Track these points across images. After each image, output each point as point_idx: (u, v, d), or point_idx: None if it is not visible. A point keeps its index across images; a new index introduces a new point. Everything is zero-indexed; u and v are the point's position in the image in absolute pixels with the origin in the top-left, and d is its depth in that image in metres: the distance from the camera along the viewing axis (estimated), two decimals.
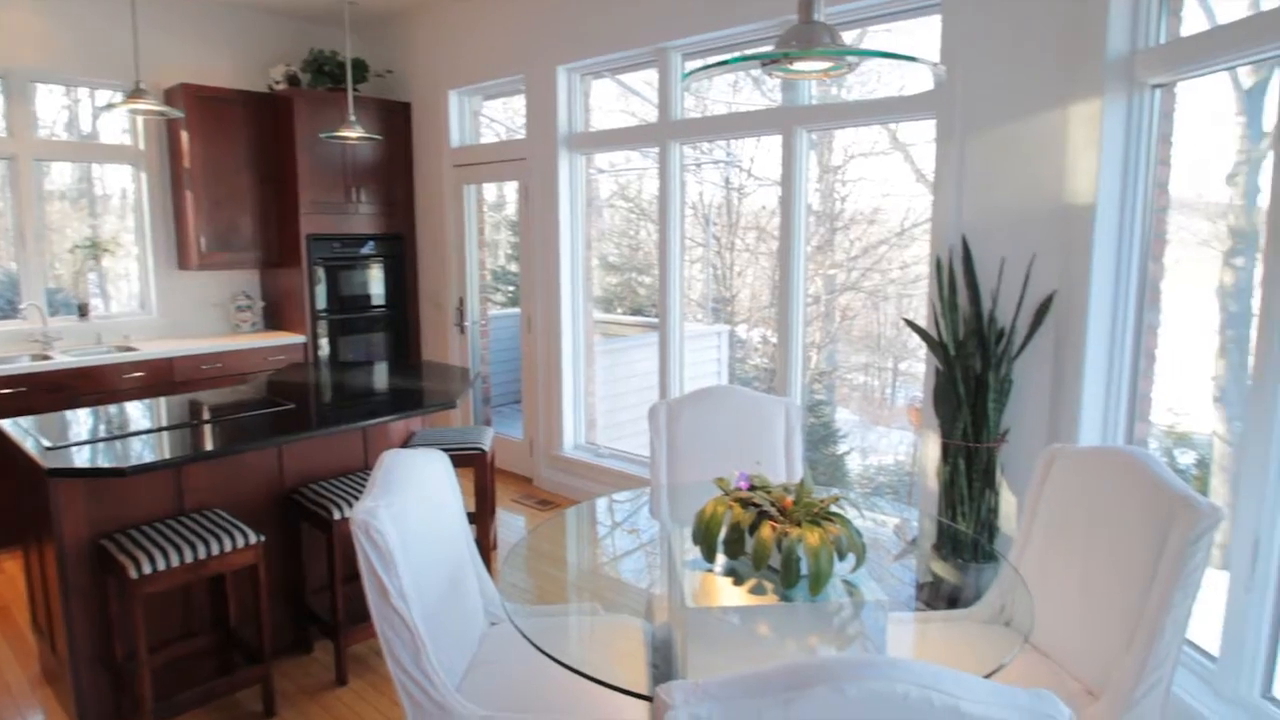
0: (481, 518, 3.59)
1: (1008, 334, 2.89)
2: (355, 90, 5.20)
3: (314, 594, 3.16)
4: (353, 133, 4.26)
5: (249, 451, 2.89)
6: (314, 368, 4.69)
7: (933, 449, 3.11)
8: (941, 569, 2.44)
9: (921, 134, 5.63)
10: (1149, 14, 2.67)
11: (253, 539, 2.65)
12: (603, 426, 5.25)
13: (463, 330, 5.67)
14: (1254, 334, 2.25)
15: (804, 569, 1.69)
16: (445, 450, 3.41)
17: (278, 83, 5.44)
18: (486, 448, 3.67)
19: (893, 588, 2.29)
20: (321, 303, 5.45)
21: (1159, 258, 2.86)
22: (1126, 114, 2.75)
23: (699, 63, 4.00)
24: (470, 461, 3.59)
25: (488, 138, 5.96)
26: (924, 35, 3.57)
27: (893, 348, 7.11)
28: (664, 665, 1.86)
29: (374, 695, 2.86)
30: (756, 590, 1.74)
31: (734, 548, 1.80)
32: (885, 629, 1.69)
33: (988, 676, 1.52)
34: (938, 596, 2.30)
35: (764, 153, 7.19)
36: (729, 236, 7.40)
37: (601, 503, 2.92)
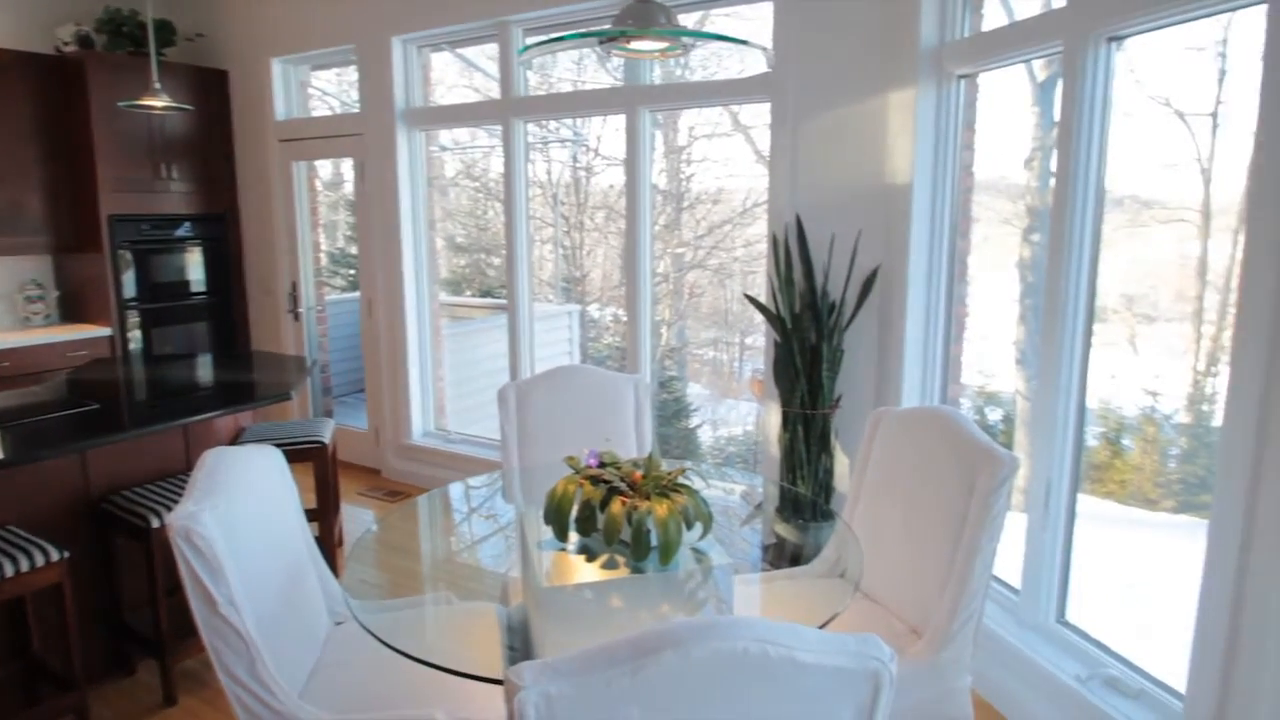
0: (325, 514, 3.41)
1: (838, 306, 3.08)
2: (161, 55, 4.71)
3: (133, 610, 2.88)
4: (158, 101, 3.85)
5: (45, 460, 2.58)
6: (123, 363, 4.24)
7: (774, 418, 3.28)
8: (784, 530, 2.58)
9: (760, 117, 5.86)
10: (955, 9, 2.90)
11: (55, 556, 2.37)
12: (453, 412, 5.12)
13: (297, 317, 5.32)
14: (1044, 303, 2.52)
15: (654, 540, 1.74)
16: (280, 445, 3.20)
17: (66, 44, 4.82)
18: (327, 440, 3.48)
19: (741, 551, 2.39)
20: (130, 291, 4.93)
21: (966, 234, 3.14)
22: (936, 102, 2.98)
23: (540, 38, 3.94)
24: (309, 455, 3.39)
25: (320, 111, 5.59)
26: (762, 22, 3.70)
27: (739, 323, 7.40)
28: (521, 648, 1.85)
29: (209, 712, 2.66)
30: (609, 565, 1.76)
31: (586, 525, 1.81)
32: (733, 591, 1.77)
33: (823, 626, 1.64)
34: (781, 556, 2.43)
35: (611, 132, 7.22)
36: (578, 216, 7.40)
37: (456, 488, 2.85)
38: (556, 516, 1.83)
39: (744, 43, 2.05)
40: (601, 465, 1.92)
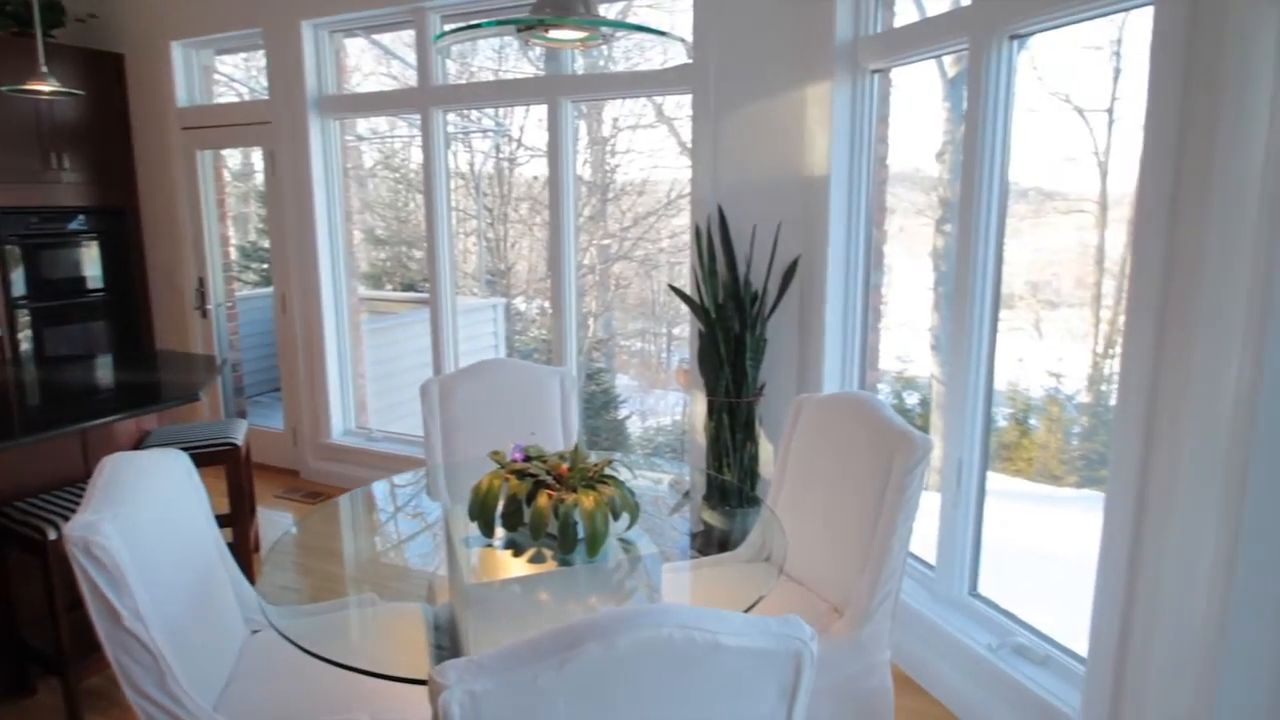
0: (239, 518, 3.28)
1: (761, 296, 3.14)
2: (49, 36, 4.40)
3: (33, 627, 2.71)
4: (45, 86, 3.60)
5: None
6: (13, 365, 3.97)
7: (700, 407, 3.31)
8: (711, 517, 2.61)
9: (684, 108, 5.89)
10: (868, 6, 2.98)
11: None
12: (375, 409, 4.99)
13: (205, 314, 5.08)
14: (954, 291, 2.62)
15: (581, 533, 1.74)
16: (188, 448, 3.06)
17: None
18: (239, 441, 3.34)
19: (670, 539, 2.41)
20: (20, 289, 4.61)
21: (881, 225, 3.24)
22: (852, 96, 3.06)
23: (458, 25, 3.86)
24: (221, 458, 3.25)
25: (227, 97, 5.34)
26: (684, 14, 3.71)
27: (666, 314, 7.45)
28: (450, 647, 1.83)
29: None
30: (536, 559, 1.76)
31: (512, 519, 1.79)
32: (660, 579, 1.78)
33: (749, 609, 1.67)
34: (709, 543, 2.46)
35: (534, 122, 7.14)
36: (502, 208, 7.30)
37: (380, 487, 2.78)
38: (482, 512, 1.81)
39: (663, 34, 2.06)
40: (527, 459, 1.91)
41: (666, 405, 7.20)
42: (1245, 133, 1.60)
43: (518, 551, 1.79)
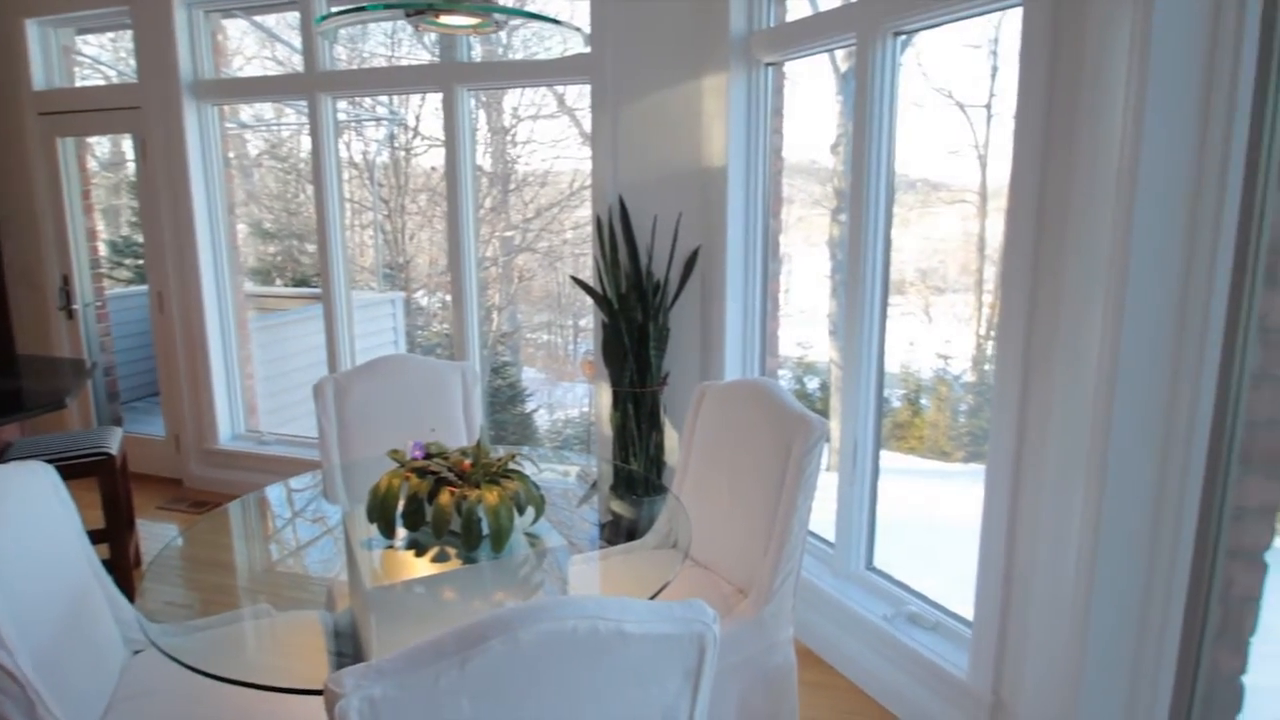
0: (116, 532, 3.06)
1: (663, 286, 3.17)
2: None
3: None
4: None
5: None
6: None
7: (606, 398, 3.32)
8: (619, 507, 2.63)
9: (585, 98, 5.86)
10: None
11: None
12: (266, 411, 4.75)
13: (71, 315, 4.71)
14: (846, 278, 2.72)
15: (485, 529, 1.71)
16: (55, 460, 2.83)
17: None
18: (114, 450, 3.12)
19: (580, 531, 2.41)
20: None
21: (778, 215, 3.32)
22: (747, 88, 3.11)
23: (342, 7, 3.70)
24: (94, 470, 3.03)
25: (91, 80, 4.94)
26: (583, 3, 3.68)
27: (572, 305, 7.42)
28: (352, 654, 1.77)
29: None
30: (440, 558, 1.72)
31: (413, 519, 1.75)
32: (568, 572, 1.78)
33: (654, 595, 1.69)
34: (618, 532, 2.47)
35: (431, 111, 6.95)
36: (399, 199, 7.08)
37: (275, 491, 2.65)
38: (381, 512, 1.76)
39: (557, 22, 2.04)
40: (428, 456, 1.87)
41: (574, 397, 7.18)
42: (1103, 127, 1.73)
43: (420, 551, 1.75)
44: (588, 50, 3.35)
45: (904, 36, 2.59)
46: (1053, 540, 1.91)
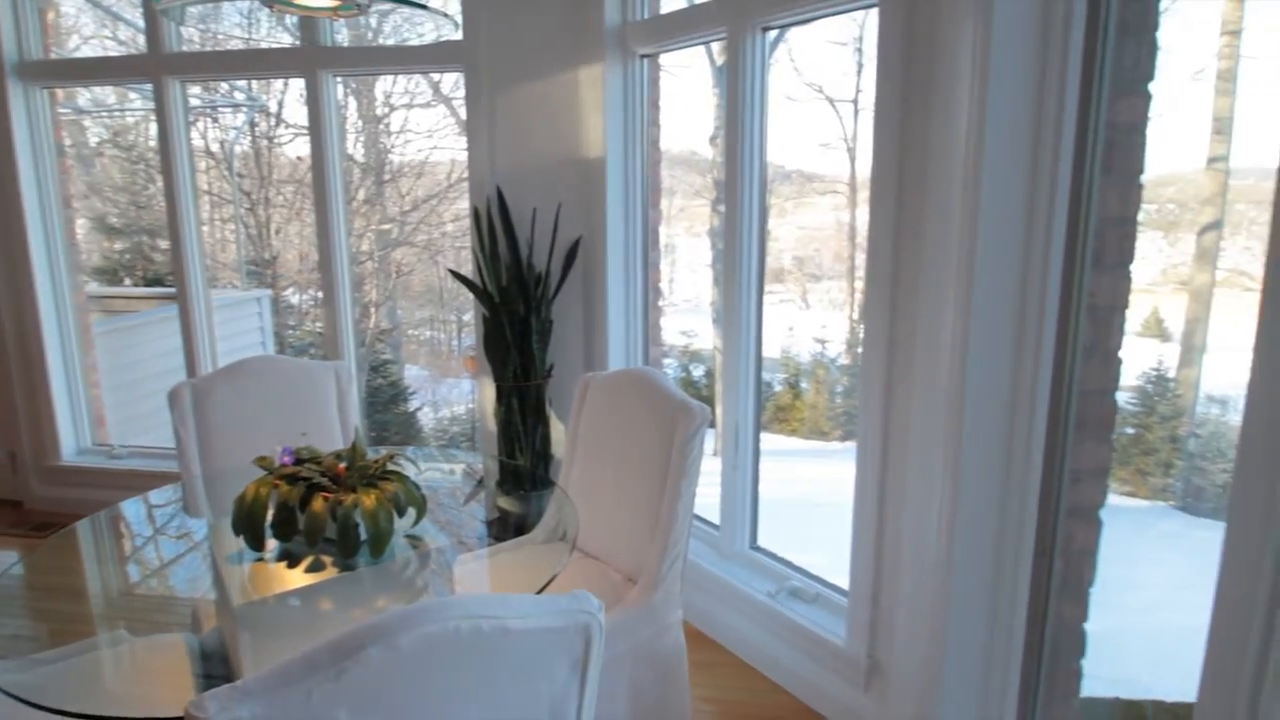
0: None
1: (545, 278, 3.14)
2: None
3: None
4: None
5: None
6: None
7: (489, 393, 3.27)
8: (506, 502, 2.60)
9: (462, 87, 5.72)
10: None
11: None
12: (116, 422, 4.38)
13: None
14: (723, 267, 2.78)
15: (364, 534, 1.65)
16: None
17: None
18: None
19: (467, 529, 2.37)
20: None
21: (657, 205, 3.36)
22: (623, 79, 3.12)
23: None
24: None
25: None
26: None
27: (454, 300, 7.25)
28: (224, 675, 1.67)
29: None
30: (315, 568, 1.65)
31: (285, 529, 1.67)
32: (452, 572, 1.75)
33: (543, 589, 1.68)
34: (506, 528, 2.44)
35: (295, 97, 6.59)
36: (262, 190, 6.67)
37: (133, 507, 2.45)
38: (248, 524, 1.66)
39: (423, 7, 1.97)
40: (299, 462, 1.78)
41: (460, 394, 7.02)
42: (953, 123, 1.84)
43: (293, 562, 1.67)
44: (460, 37, 3.26)
45: (774, 32, 2.67)
46: (917, 510, 2.03)
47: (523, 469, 3.06)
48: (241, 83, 6.46)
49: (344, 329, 3.69)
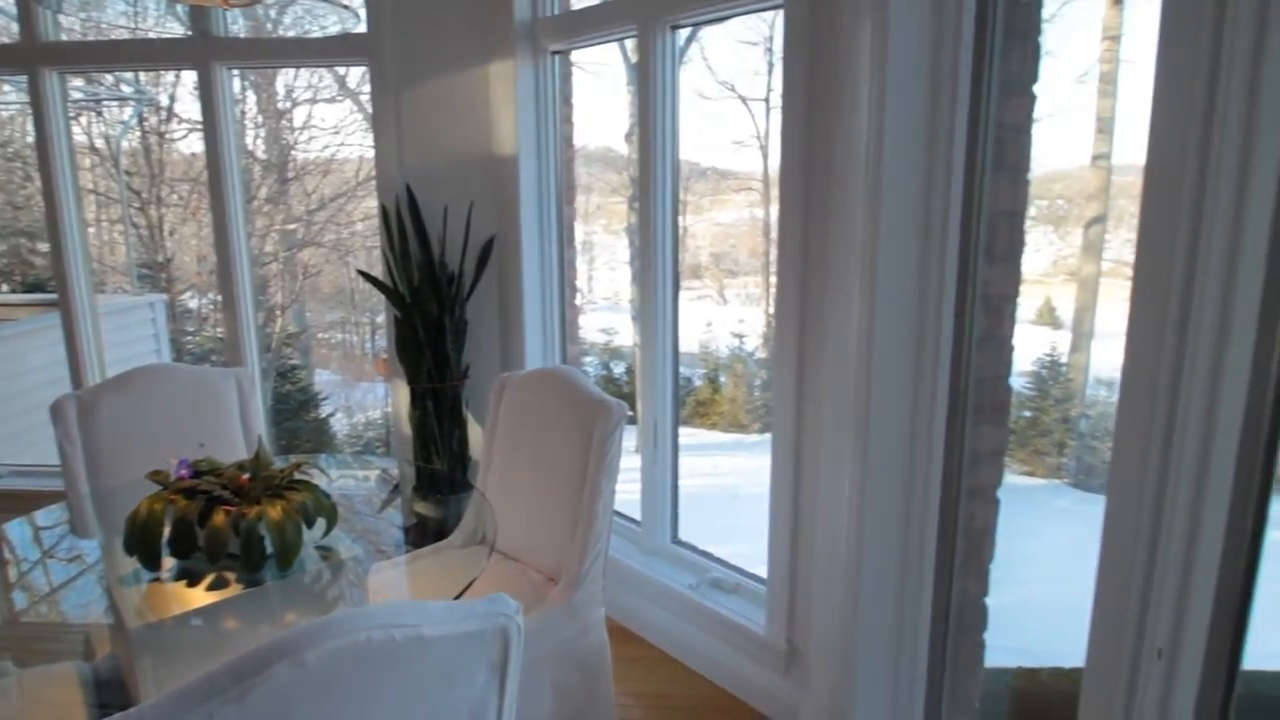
0: None
1: (458, 277, 3.08)
2: None
3: None
4: None
5: None
6: None
7: (403, 396, 3.19)
8: (424, 507, 2.54)
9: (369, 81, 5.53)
10: None
11: None
12: None
13: None
14: (638, 263, 2.80)
15: (270, 547, 1.59)
16: None
17: None
18: None
19: (385, 537, 2.30)
20: None
21: (572, 203, 3.34)
22: (535, 75, 3.09)
23: None
24: None
25: None
26: None
27: (367, 301, 7.04)
28: (120, 704, 1.57)
29: None
30: (217, 585, 1.58)
31: (183, 545, 1.59)
32: (366, 582, 1.70)
33: (461, 593, 1.65)
34: (424, 534, 2.39)
35: (188, 90, 6.25)
36: (153, 189, 6.30)
37: (17, 529, 2.28)
38: (142, 542, 1.58)
39: None
40: (197, 475, 1.69)
41: (375, 398, 6.82)
42: (854, 120, 1.90)
43: (193, 581, 1.59)
44: (364, 30, 3.16)
45: (686, 31, 2.69)
46: (830, 497, 2.10)
47: (440, 472, 3.00)
48: (129, 75, 6.09)
49: (246, 334, 3.53)
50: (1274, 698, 2.56)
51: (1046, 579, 3.01)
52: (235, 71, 3.51)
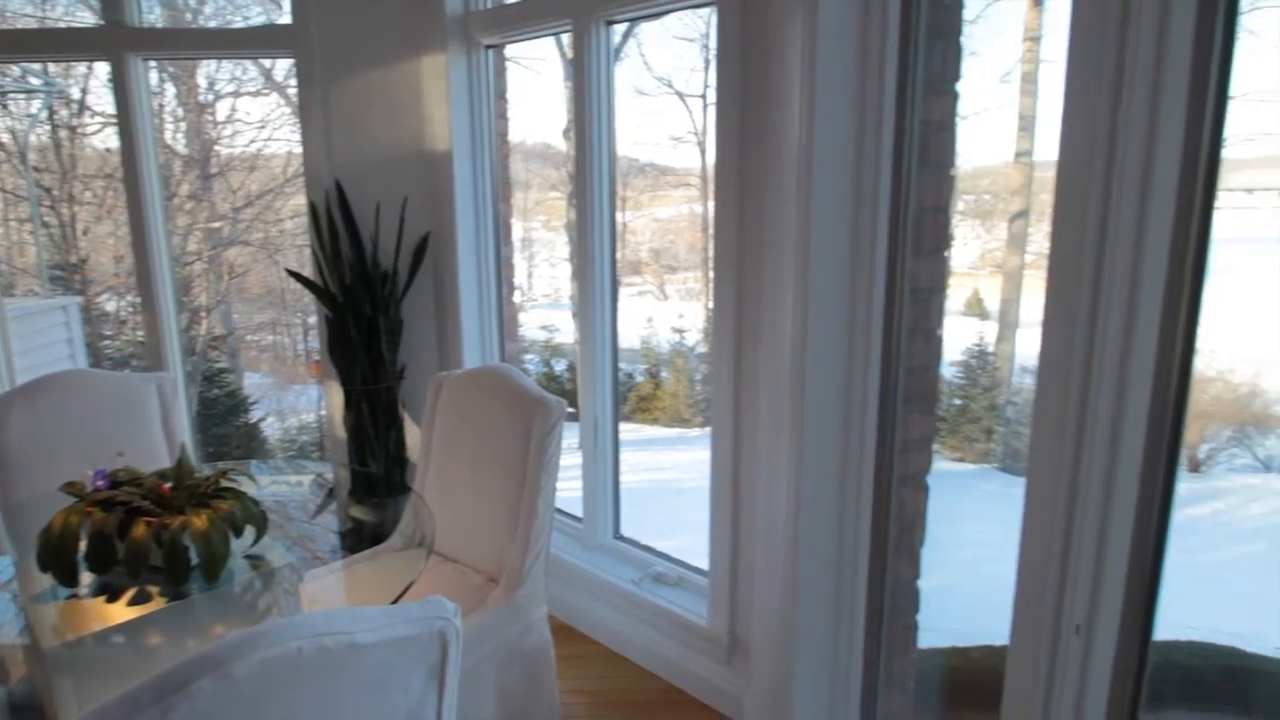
0: None
1: (392, 276, 3.02)
2: None
3: None
4: None
5: None
6: None
7: (337, 398, 3.11)
8: (360, 511, 2.48)
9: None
10: None
11: None
12: None
13: None
14: (576, 259, 2.79)
15: (195, 558, 1.53)
16: None
17: None
18: None
19: (322, 543, 2.25)
20: None
21: (508, 199, 3.31)
22: (468, 70, 3.05)
23: None
24: None
25: None
26: None
27: (299, 302, 6.84)
28: None
29: None
30: (139, 599, 1.51)
31: (102, 560, 1.52)
32: (298, 591, 1.65)
33: (399, 597, 1.63)
34: (361, 538, 2.34)
35: (102, 82, 5.95)
36: (65, 186, 5.99)
37: None
38: (57, 557, 1.50)
39: None
40: (115, 485, 1.62)
41: (308, 401, 6.62)
42: (786, 117, 1.93)
43: (113, 596, 1.53)
44: (289, 20, 3.06)
45: (622, 26, 2.69)
46: (768, 487, 2.13)
47: (376, 475, 2.94)
48: (36, 66, 5.77)
49: (168, 337, 3.39)
50: (1184, 666, 2.72)
51: (976, 561, 3.13)
52: (152, 63, 3.36)
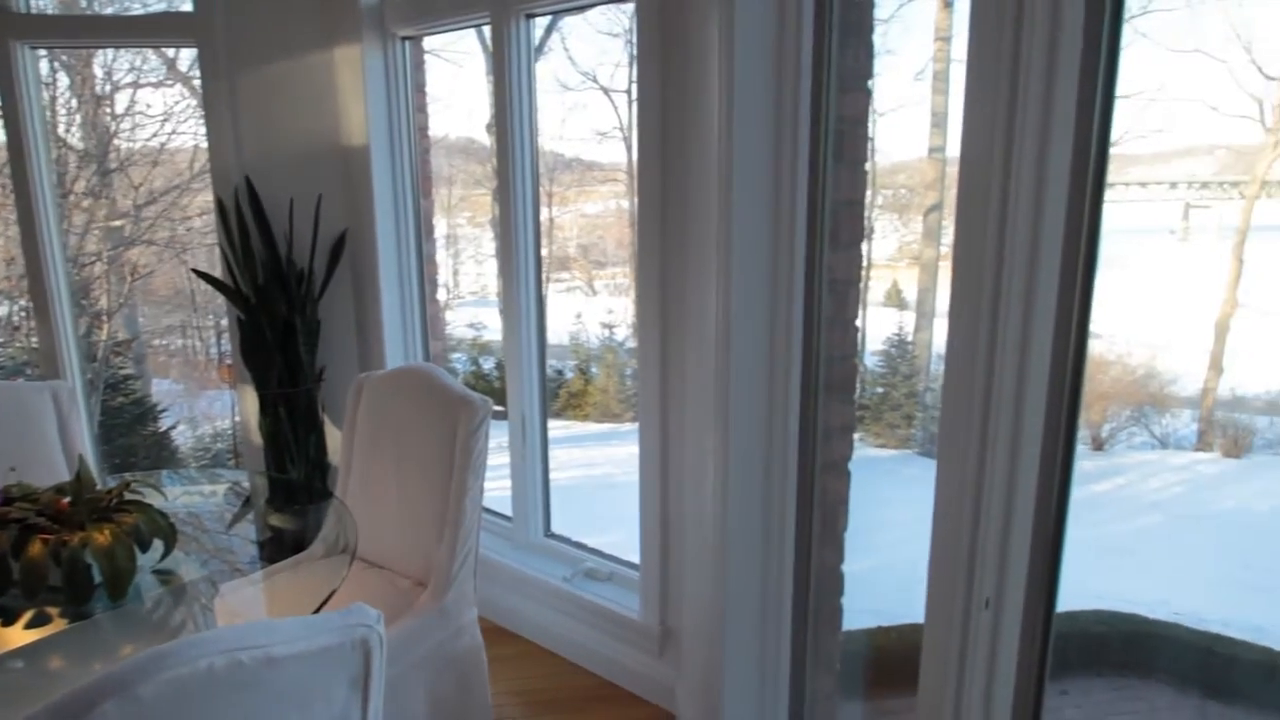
0: None
1: (308, 275, 2.92)
2: None
3: None
4: None
5: None
6: None
7: (252, 403, 2.99)
8: (279, 519, 2.40)
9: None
10: None
11: None
12: None
13: None
14: (500, 256, 2.75)
15: (98, 576, 1.45)
16: None
17: None
18: None
19: (240, 554, 2.17)
20: None
21: (429, 195, 3.24)
22: (384, 62, 2.97)
23: None
24: None
25: None
26: None
27: (210, 303, 6.54)
28: None
29: None
30: (38, 621, 1.43)
31: None
32: (212, 606, 1.59)
33: (321, 606, 1.58)
34: (281, 548, 2.26)
35: None
36: None
37: None
38: None
39: None
40: (7, 501, 1.53)
41: (223, 407, 6.34)
42: (705, 113, 1.95)
43: (9, 619, 1.44)
44: (191, 8, 2.92)
45: (545, 20, 2.66)
46: (696, 479, 2.16)
47: (296, 482, 2.85)
48: None
49: (64, 343, 3.20)
50: (1090, 634, 2.88)
51: (897, 542, 3.24)
52: (42, 51, 3.16)
